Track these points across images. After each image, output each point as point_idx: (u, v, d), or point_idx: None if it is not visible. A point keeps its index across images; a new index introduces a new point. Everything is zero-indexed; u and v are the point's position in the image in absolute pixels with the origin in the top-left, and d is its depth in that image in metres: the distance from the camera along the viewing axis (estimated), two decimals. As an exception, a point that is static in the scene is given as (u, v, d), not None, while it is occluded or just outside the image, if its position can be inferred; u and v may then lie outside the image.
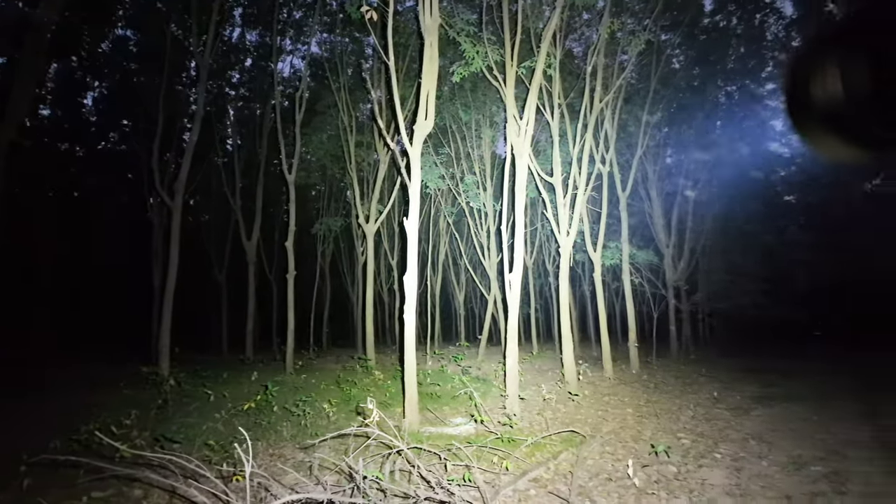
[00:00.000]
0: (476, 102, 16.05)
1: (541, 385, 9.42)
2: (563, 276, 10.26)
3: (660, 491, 4.78)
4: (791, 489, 4.87)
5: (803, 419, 7.88)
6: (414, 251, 6.75)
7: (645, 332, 18.36)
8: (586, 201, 11.90)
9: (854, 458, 5.83)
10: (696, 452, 6.09)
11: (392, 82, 7.08)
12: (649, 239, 17.56)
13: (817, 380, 12.43)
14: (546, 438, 6.20)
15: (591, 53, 10.19)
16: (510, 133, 8.43)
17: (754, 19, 13.81)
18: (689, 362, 15.36)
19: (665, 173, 16.76)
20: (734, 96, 15.42)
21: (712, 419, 7.89)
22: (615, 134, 12.12)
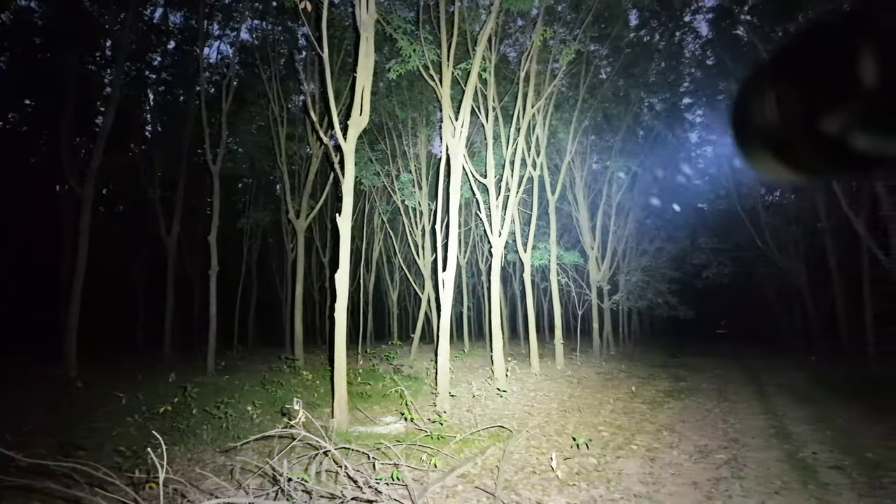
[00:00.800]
0: (413, 101, 16.03)
1: (471, 382, 9.58)
2: (494, 276, 10.49)
3: (580, 482, 5.01)
4: (697, 476, 5.26)
5: (707, 410, 8.55)
6: (346, 248, 6.65)
7: (570, 330, 19.13)
8: (518, 203, 12.23)
9: (747, 444, 6.40)
10: (615, 444, 6.44)
11: (326, 75, 6.93)
12: (576, 241, 18.33)
13: (718, 373, 13.56)
14: (474, 434, 6.32)
15: (524, 59, 10.49)
16: (445, 133, 8.50)
17: (674, 36, 14.81)
18: (609, 358, 16.19)
19: (591, 179, 17.56)
20: (655, 108, 16.43)
21: (630, 412, 8.36)
22: (546, 139, 12.53)
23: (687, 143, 17.94)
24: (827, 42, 0.55)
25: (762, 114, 0.61)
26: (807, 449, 6.10)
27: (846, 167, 0.60)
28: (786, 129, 0.59)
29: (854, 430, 6.96)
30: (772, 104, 0.60)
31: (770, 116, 0.60)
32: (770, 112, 0.60)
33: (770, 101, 0.60)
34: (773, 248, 15.02)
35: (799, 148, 0.60)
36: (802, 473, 5.22)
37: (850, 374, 11.72)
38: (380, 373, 11.77)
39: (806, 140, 0.58)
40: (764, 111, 0.61)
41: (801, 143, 0.59)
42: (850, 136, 0.53)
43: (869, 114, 0.52)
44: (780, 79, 0.60)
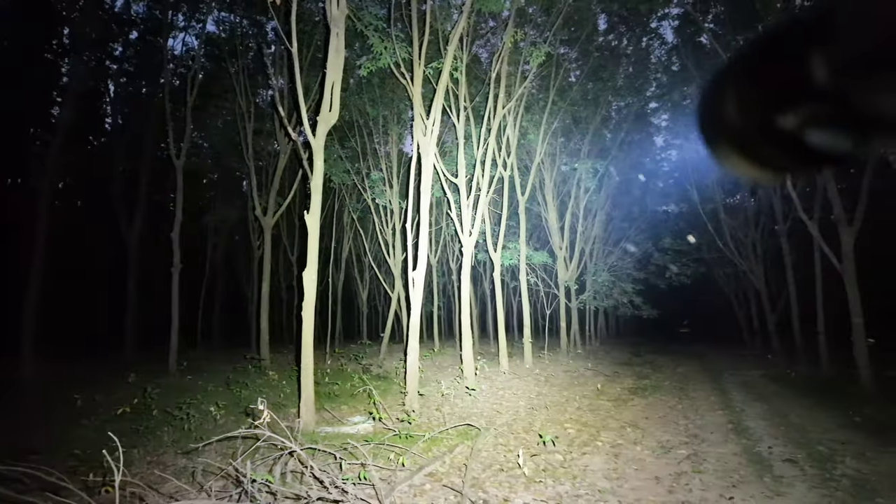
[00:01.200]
0: (384, 98, 15.93)
1: (440, 381, 9.60)
2: (464, 275, 10.52)
3: (547, 479, 5.08)
4: (660, 471, 5.40)
5: (670, 407, 8.78)
6: (314, 246, 6.56)
7: (539, 329, 19.37)
8: (488, 203, 12.30)
9: (707, 439, 6.61)
10: (581, 441, 6.55)
11: (295, 70, 6.83)
12: (545, 241, 18.56)
13: (680, 371, 13.97)
14: (443, 433, 6.34)
15: (495, 60, 10.55)
16: (416, 132, 8.48)
17: (641, 42, 15.15)
18: (576, 357, 16.45)
19: (560, 180, 17.81)
20: (623, 112, 16.80)
21: (595, 409, 8.52)
22: (516, 140, 12.64)
23: (652, 146, 18.39)
24: (784, 46, 0.58)
25: (726, 113, 0.64)
26: (763, 443, 6.34)
27: (802, 163, 0.63)
28: (747, 127, 0.62)
29: (806, 424, 7.26)
30: (734, 104, 0.63)
31: (733, 116, 0.63)
32: (733, 111, 0.63)
33: (733, 102, 0.63)
34: (733, 249, 15.55)
35: (760, 146, 0.63)
36: (758, 467, 5.41)
37: (802, 371, 12.25)
38: (348, 372, 11.67)
39: (765, 138, 0.61)
40: (727, 111, 0.64)
41: (762, 140, 0.62)
42: (806, 134, 0.57)
43: (821, 113, 0.55)
44: (742, 80, 0.63)
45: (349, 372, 11.72)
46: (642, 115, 17.08)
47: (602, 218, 19.51)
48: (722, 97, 0.65)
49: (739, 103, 0.63)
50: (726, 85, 0.66)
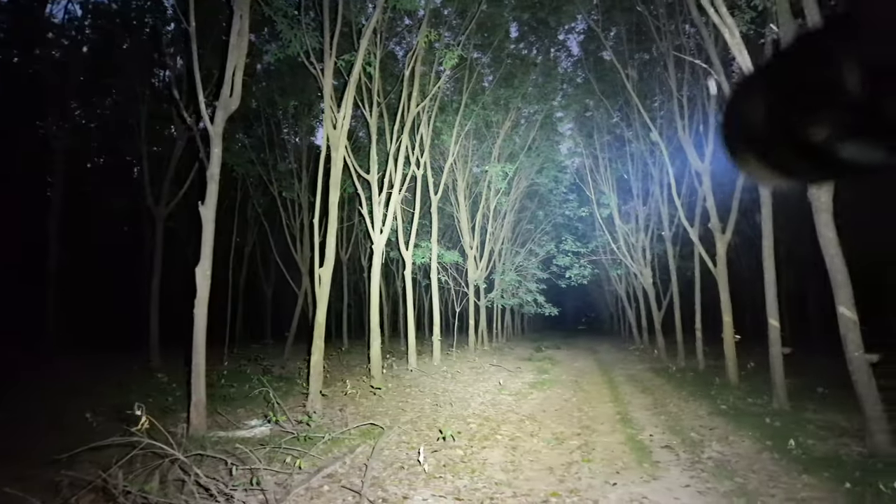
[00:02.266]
0: (295, 88, 15.36)
1: (346, 381, 9.41)
2: (374, 273, 10.41)
3: (447, 474, 5.15)
4: (553, 461, 5.67)
5: (566, 400, 9.28)
6: (209, 240, 6.15)
7: (449, 327, 19.69)
8: (400, 201, 12.26)
9: (597, 430, 7.06)
10: (482, 435, 6.72)
11: (192, 51, 6.35)
12: (457, 240, 18.89)
13: (577, 366, 14.86)
14: (344, 434, 6.22)
15: (408, 59, 10.53)
16: (326, 124, 8.25)
17: (550, 53, 15.89)
18: (483, 354, 16.92)
19: (473, 181, 18.20)
20: (532, 118, 17.49)
21: (497, 404, 8.79)
22: (430, 139, 12.73)
23: (557, 153, 19.34)
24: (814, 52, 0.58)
25: (751, 120, 0.64)
26: (645, 432, 6.89)
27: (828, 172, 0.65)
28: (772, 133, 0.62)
29: (682, 414, 8.00)
30: (760, 111, 0.62)
31: (758, 123, 0.63)
32: (759, 118, 0.63)
33: (759, 108, 0.62)
34: (626, 252, 16.79)
35: (784, 153, 0.62)
36: (640, 454, 5.86)
37: (681, 365, 13.51)
38: (248, 374, 11.11)
39: (790, 146, 0.61)
40: (752, 118, 0.63)
41: (786, 148, 0.61)
42: (832, 143, 0.56)
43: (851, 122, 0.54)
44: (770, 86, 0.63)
45: (248, 373, 11.15)
46: (549, 122, 17.89)
47: (511, 219, 20.21)
48: (748, 104, 0.65)
49: (766, 110, 0.62)
50: (753, 91, 0.66)
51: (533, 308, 20.01)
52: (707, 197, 10.34)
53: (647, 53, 13.42)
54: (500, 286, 19.58)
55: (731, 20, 5.82)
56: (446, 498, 4.56)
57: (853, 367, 5.66)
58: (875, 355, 5.89)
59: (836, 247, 5.67)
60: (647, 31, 11.38)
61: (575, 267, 19.72)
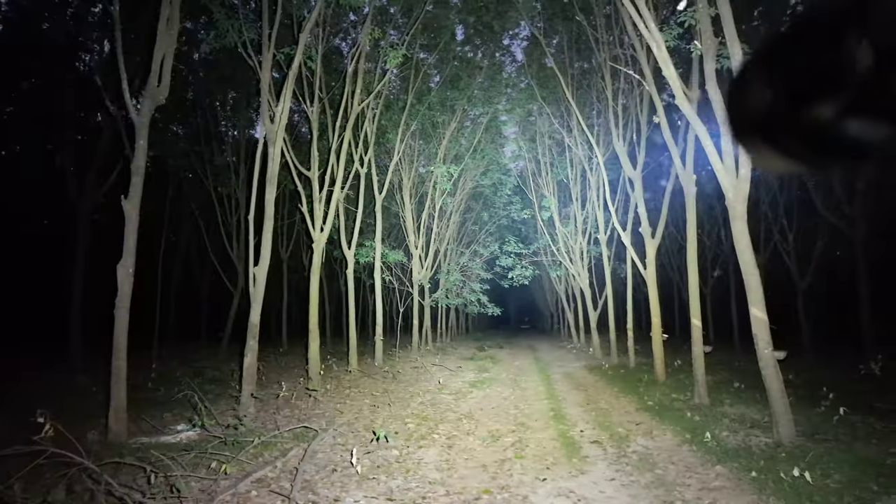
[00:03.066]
0: (234, 80, 14.81)
1: (282, 382, 9.18)
2: (314, 272, 10.20)
3: (380, 475, 5.13)
4: (487, 458, 5.76)
5: (504, 398, 9.47)
6: (132, 236, 5.81)
7: (394, 327, 19.58)
8: (343, 199, 12.08)
9: (531, 426, 7.25)
10: (419, 435, 6.74)
11: (116, 36, 5.98)
12: (402, 240, 18.81)
13: (517, 364, 15.20)
14: (276, 437, 6.06)
15: (351, 56, 10.38)
16: (264, 118, 8.00)
17: (495, 57, 16.13)
18: (426, 353, 16.95)
19: (419, 180, 18.20)
20: (477, 121, 17.70)
21: (437, 403, 8.84)
22: (374, 136, 12.62)
23: (501, 156, 19.68)
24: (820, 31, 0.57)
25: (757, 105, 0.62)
26: (576, 428, 7.13)
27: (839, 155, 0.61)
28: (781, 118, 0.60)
29: (611, 409, 8.35)
30: (767, 94, 0.61)
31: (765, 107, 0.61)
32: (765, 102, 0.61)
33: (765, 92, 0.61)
34: (565, 253, 17.33)
35: (794, 137, 0.61)
36: (570, 449, 6.07)
37: (614, 363, 14.11)
38: (178, 376, 10.59)
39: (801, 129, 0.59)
40: (759, 102, 0.62)
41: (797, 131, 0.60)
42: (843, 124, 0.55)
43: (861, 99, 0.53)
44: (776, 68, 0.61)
45: (179, 376, 10.63)
46: (494, 125, 18.18)
47: (457, 220, 20.37)
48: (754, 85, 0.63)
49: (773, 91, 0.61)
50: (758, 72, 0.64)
51: (476, 308, 20.26)
52: (638, 202, 10.83)
53: (586, 63, 13.89)
54: (445, 286, 19.68)
55: (659, 35, 6.15)
56: (378, 499, 4.54)
57: (763, 363, 6.11)
58: (782, 352, 6.39)
59: (749, 252, 6.10)
60: (587, 40, 11.79)
61: (517, 268, 20.14)
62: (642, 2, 6.21)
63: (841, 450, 5.47)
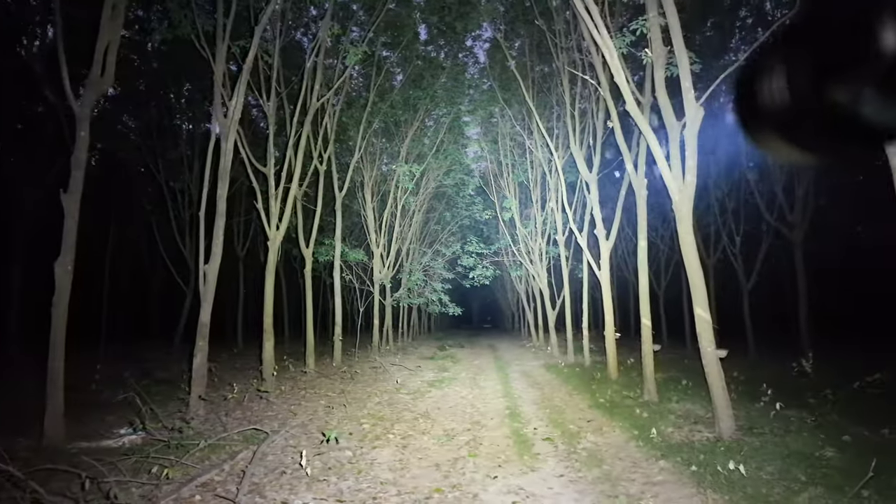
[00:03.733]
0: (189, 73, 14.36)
1: (234, 384, 8.95)
2: (269, 270, 9.99)
3: (331, 476, 5.07)
4: (441, 457, 5.78)
5: (462, 397, 9.52)
6: (72, 231, 5.54)
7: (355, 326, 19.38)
8: (301, 197, 11.88)
9: (487, 425, 7.32)
10: (374, 435, 6.70)
11: (56, 21, 5.70)
12: (364, 238, 18.65)
13: (476, 363, 15.31)
14: (224, 440, 5.91)
15: (310, 51, 10.20)
16: (217, 112, 7.78)
17: (458, 57, 16.20)
18: (386, 353, 16.89)
19: (381, 179, 18.08)
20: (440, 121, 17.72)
21: (394, 403, 8.81)
22: (334, 133, 12.45)
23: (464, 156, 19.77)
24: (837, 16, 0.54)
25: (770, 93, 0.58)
26: (530, 425, 7.25)
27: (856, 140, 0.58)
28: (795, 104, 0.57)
29: (565, 407, 8.52)
30: (781, 82, 0.57)
31: (778, 95, 0.58)
32: (779, 90, 0.57)
33: (779, 79, 0.57)
34: (524, 254, 17.59)
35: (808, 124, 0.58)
36: (522, 447, 6.16)
37: (570, 362, 14.41)
38: (125, 377, 10.17)
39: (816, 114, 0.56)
40: (772, 90, 0.58)
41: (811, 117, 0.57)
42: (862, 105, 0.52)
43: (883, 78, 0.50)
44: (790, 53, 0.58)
45: (126, 377, 10.21)
46: (457, 125, 18.24)
47: (419, 219, 20.34)
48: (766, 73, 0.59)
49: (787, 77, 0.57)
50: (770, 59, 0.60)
51: (438, 308, 20.30)
52: (593, 205, 11.10)
53: (547, 66, 14.11)
54: (407, 285, 19.64)
55: (611, 42, 6.33)
56: (328, 500, 4.50)
57: (706, 361, 6.37)
58: (723, 350, 6.68)
59: (693, 253, 6.34)
60: (548, 45, 11.99)
61: (478, 267, 20.29)
62: (595, 9, 6.37)
63: (775, 443, 5.76)
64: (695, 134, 5.97)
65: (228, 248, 19.44)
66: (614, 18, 9.73)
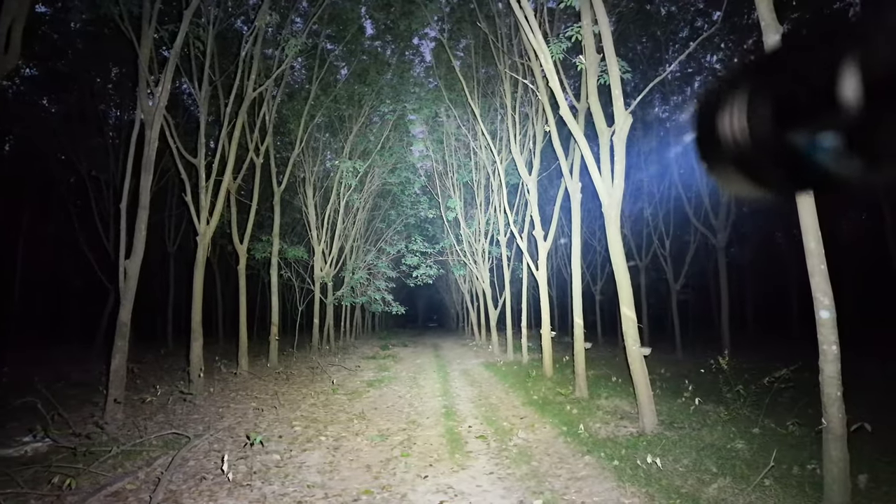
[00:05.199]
0: (117, 56, 13.49)
1: (157, 386, 8.49)
2: (197, 266, 9.53)
3: (256, 481, 4.89)
4: (372, 458, 5.71)
5: (400, 396, 9.48)
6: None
7: (294, 325, 18.87)
8: (236, 190, 11.43)
9: (422, 424, 7.31)
10: (305, 437, 6.53)
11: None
12: (305, 235, 18.20)
13: (418, 362, 15.30)
14: (139, 445, 5.58)
15: (245, 39, 9.80)
16: (141, 98, 7.34)
17: (405, 55, 16.09)
18: (326, 353, 16.55)
19: (324, 174, 17.70)
20: (386, 118, 17.55)
21: (329, 405, 8.63)
22: (272, 125, 12.06)
23: (410, 154, 19.68)
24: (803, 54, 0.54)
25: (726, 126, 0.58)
26: (465, 424, 7.30)
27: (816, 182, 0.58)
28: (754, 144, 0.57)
29: (500, 405, 8.65)
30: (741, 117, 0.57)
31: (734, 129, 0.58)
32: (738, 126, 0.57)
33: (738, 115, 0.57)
34: (468, 253, 17.76)
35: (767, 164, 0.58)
36: (455, 445, 6.19)
37: (509, 359, 14.67)
38: (35, 381, 9.41)
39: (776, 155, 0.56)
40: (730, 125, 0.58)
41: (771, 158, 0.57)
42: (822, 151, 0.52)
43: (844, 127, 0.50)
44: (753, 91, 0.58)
45: (36, 381, 9.45)
46: (402, 123, 18.14)
47: (363, 217, 20.06)
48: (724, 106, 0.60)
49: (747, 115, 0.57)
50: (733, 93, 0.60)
51: (381, 306, 20.11)
52: (532, 207, 11.33)
53: (492, 69, 14.27)
54: (350, 283, 19.32)
55: (545, 46, 6.47)
56: (250, 506, 4.34)
57: (631, 359, 6.64)
58: (647, 349, 7.00)
59: (621, 255, 6.60)
60: (492, 48, 12.13)
61: (422, 266, 20.27)
62: (532, 15, 6.49)
63: (692, 437, 6.08)
64: (623, 140, 6.21)
65: (159, 244, 18.48)
66: (553, 25, 9.96)
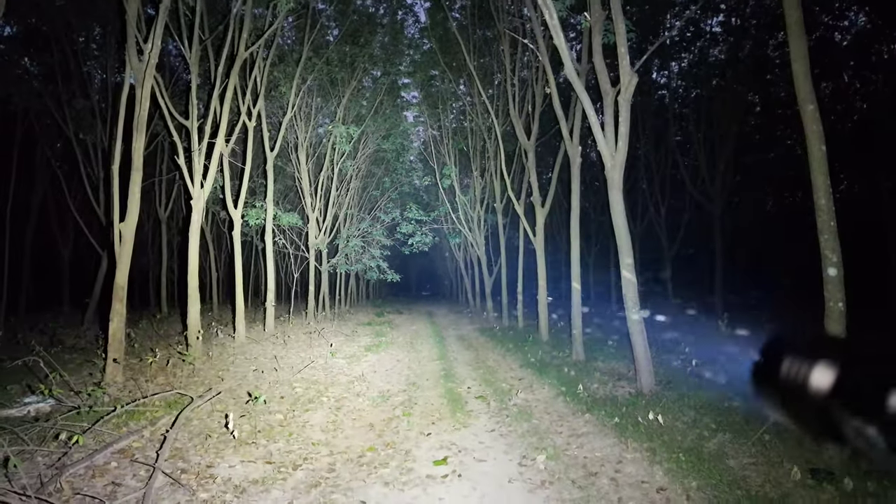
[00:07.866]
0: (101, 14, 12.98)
1: (156, 349, 8.50)
2: (192, 231, 9.39)
3: (261, 439, 4.95)
4: (375, 418, 5.79)
5: (398, 360, 9.57)
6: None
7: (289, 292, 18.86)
8: (229, 154, 11.20)
9: (422, 385, 7.41)
10: (307, 398, 6.59)
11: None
12: (298, 202, 17.98)
13: (414, 328, 15.42)
14: (141, 405, 5.60)
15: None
16: (130, 55, 7.07)
17: (397, 15, 15.61)
18: (322, 319, 16.60)
19: (316, 140, 17.36)
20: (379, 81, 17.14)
21: (329, 368, 8.70)
22: (264, 87, 11.73)
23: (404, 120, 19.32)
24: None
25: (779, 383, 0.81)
26: (464, 385, 7.41)
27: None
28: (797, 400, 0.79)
29: (498, 367, 8.77)
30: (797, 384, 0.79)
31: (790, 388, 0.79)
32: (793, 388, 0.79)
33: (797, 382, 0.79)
34: (464, 222, 17.70)
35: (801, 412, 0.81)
36: (455, 405, 6.29)
37: (504, 325, 14.81)
38: (31, 345, 9.39)
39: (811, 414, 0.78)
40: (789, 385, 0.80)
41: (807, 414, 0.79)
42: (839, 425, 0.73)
43: None
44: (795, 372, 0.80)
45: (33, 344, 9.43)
46: (396, 87, 17.74)
47: (357, 185, 19.82)
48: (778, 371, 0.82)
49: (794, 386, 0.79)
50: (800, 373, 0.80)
51: (376, 274, 20.09)
52: (530, 172, 11.23)
53: (489, 31, 13.91)
54: (344, 251, 19.22)
55: (552, 3, 6.28)
56: (256, 462, 4.39)
57: (630, 322, 6.70)
58: (646, 311, 7.06)
59: (622, 218, 6.58)
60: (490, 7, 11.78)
61: (417, 234, 20.18)
62: (537, -32, 6.27)
63: (690, 396, 6.20)
64: (628, 100, 6.11)
65: (151, 210, 18.21)
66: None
